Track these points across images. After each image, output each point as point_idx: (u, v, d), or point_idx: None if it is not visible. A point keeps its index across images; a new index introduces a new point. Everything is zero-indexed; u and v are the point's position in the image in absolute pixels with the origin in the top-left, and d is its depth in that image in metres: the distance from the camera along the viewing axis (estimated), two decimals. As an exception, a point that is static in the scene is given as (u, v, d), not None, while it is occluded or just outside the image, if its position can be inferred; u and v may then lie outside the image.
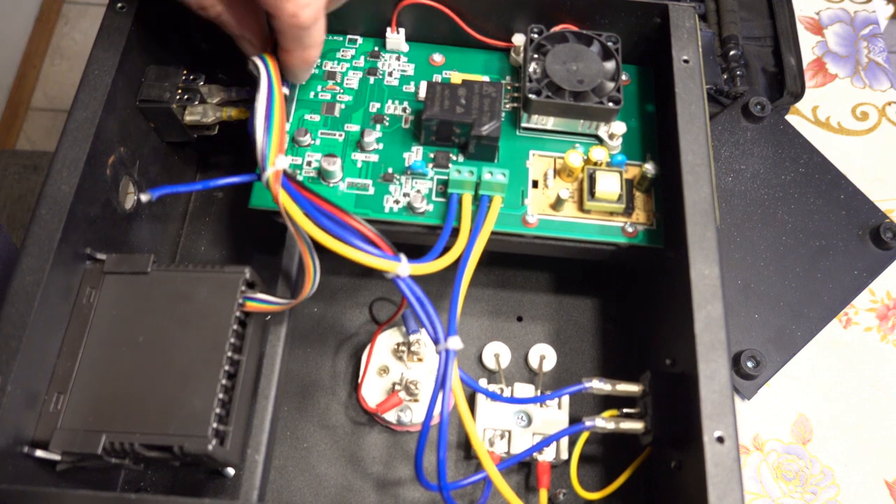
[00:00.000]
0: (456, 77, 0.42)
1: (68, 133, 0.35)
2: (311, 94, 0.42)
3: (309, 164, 0.40)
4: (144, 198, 0.34)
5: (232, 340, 0.33)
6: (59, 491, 0.30)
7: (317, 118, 0.41)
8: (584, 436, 0.37)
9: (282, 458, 0.42)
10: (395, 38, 0.43)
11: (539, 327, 0.45)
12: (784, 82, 0.55)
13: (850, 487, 0.44)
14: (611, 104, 0.39)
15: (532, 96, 0.39)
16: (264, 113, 0.34)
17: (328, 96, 0.42)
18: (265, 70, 0.35)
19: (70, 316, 0.34)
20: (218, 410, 0.32)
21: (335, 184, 0.39)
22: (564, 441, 0.40)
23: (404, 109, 0.42)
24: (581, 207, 0.39)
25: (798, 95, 0.54)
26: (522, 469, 0.42)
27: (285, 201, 0.33)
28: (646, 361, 0.42)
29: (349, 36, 0.44)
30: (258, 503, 0.33)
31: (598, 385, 0.36)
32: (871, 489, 0.45)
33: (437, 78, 0.43)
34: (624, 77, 0.43)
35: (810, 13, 0.61)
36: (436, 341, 0.33)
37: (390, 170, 0.40)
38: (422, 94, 0.41)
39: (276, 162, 0.33)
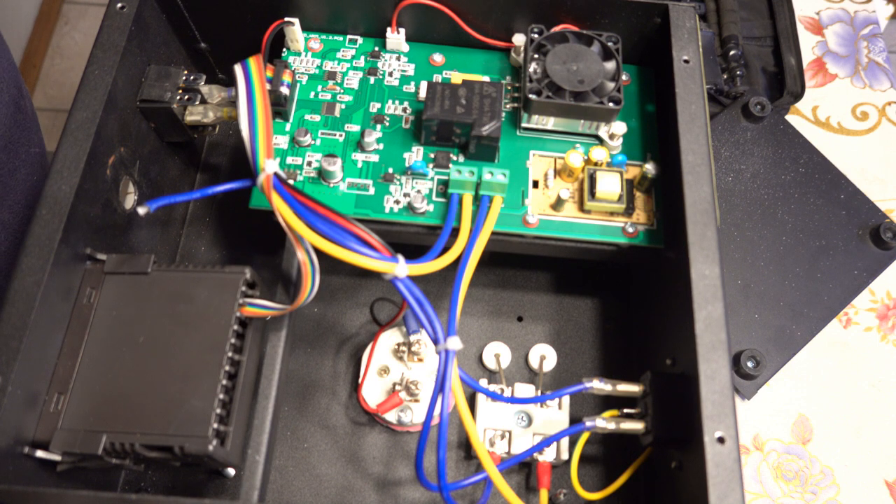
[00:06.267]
0: (456, 77, 0.42)
1: (68, 133, 0.35)
2: (312, 95, 0.42)
3: (309, 164, 0.40)
4: (142, 211, 0.34)
5: (232, 341, 0.33)
6: (60, 491, 0.30)
7: (317, 118, 0.41)
8: (585, 436, 0.37)
9: (282, 458, 0.42)
10: (396, 38, 0.43)
11: (539, 327, 0.45)
12: (784, 82, 0.55)
13: (850, 487, 0.44)
14: (611, 104, 0.39)
15: (532, 96, 0.39)
16: (247, 119, 0.34)
17: (328, 96, 0.42)
18: (243, 77, 0.35)
19: (70, 316, 0.34)
20: (218, 411, 0.32)
21: (335, 184, 0.39)
22: (565, 441, 0.40)
23: (405, 109, 0.42)
24: (581, 207, 0.39)
25: (798, 95, 0.54)
26: (523, 469, 0.42)
27: (279, 205, 0.33)
28: (646, 361, 0.42)
29: (349, 36, 0.44)
30: (258, 503, 0.33)
31: (599, 385, 0.36)
32: (871, 489, 0.45)
33: (437, 78, 0.43)
34: (624, 77, 0.43)
35: (810, 13, 0.61)
36: (435, 341, 0.33)
37: (391, 170, 0.40)
38: (422, 94, 0.41)
39: (265, 167, 0.34)
